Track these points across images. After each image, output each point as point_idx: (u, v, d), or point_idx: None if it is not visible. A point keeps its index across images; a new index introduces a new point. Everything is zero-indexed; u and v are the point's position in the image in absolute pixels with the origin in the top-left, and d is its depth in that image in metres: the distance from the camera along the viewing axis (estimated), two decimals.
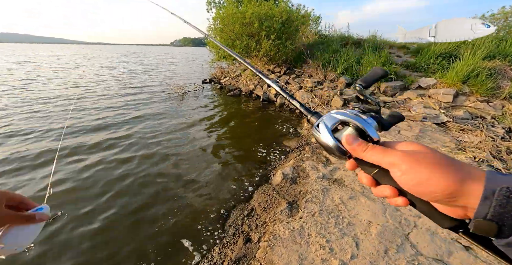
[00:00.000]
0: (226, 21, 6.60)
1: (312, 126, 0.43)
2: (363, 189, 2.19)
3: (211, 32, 7.29)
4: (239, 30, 6.47)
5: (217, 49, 7.18)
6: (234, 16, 6.41)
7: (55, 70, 12.09)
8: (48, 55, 24.82)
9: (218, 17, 6.87)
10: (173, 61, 21.76)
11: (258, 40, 6.62)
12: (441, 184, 0.27)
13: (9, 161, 3.02)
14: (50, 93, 6.66)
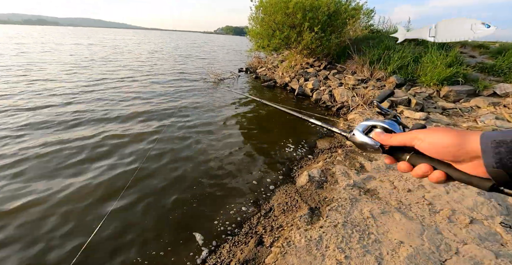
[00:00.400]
0: (268, 10, 6.50)
1: (348, 138, 0.54)
2: (400, 205, 1.94)
3: (252, 21, 7.27)
4: (280, 20, 6.32)
5: (256, 39, 7.14)
6: (276, 6, 6.27)
7: (115, 53, 13.76)
8: (112, 39, 28.40)
9: (260, 6, 6.79)
10: (214, 49, 22.60)
11: (299, 31, 6.39)
12: (449, 138, 0.36)
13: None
14: (101, 75, 7.45)
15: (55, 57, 10.58)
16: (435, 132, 0.39)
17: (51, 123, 3.70)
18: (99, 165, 2.75)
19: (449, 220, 1.79)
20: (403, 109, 4.43)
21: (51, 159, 2.80)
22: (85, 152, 2.98)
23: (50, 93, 5.17)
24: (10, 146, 3.01)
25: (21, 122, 3.63)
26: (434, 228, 1.72)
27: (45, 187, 2.36)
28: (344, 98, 5.22)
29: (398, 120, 0.51)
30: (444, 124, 3.87)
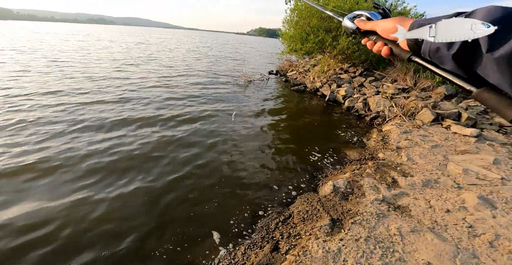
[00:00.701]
0: (303, 14, 6.55)
1: (342, 24, 0.70)
2: (434, 225, 1.80)
3: (286, 24, 7.37)
4: (315, 24, 6.33)
5: (288, 42, 7.23)
6: (312, 9, 6.29)
7: (158, 51, 15.26)
8: (156, 38, 31.87)
9: (296, 9, 6.88)
10: (246, 50, 23.40)
11: (335, 36, 6.31)
12: (392, 23, 0.53)
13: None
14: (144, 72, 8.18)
15: (107, 54, 11.84)
16: (386, 20, 0.55)
17: (100, 122, 4.14)
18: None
19: (491, 244, 1.61)
20: (450, 124, 4.09)
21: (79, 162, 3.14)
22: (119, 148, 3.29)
23: (101, 89, 5.76)
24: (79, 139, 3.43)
25: (78, 118, 4.13)
26: (471, 251, 1.56)
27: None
28: (380, 108, 4.99)
29: (385, 12, 0.64)
30: (500, 144, 3.48)
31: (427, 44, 0.43)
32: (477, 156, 3.07)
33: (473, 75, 0.38)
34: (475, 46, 0.35)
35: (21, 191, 2.32)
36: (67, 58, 9.75)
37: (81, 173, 2.63)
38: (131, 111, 4.45)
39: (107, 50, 13.55)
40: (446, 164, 2.90)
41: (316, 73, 7.45)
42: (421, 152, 3.23)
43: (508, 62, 0.32)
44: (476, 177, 2.54)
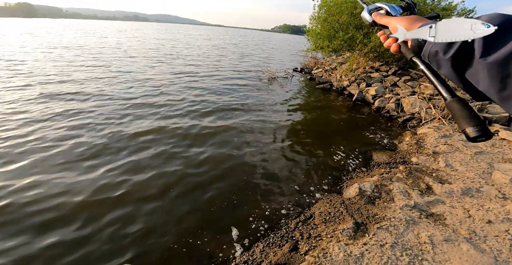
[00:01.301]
0: (332, 10, 6.47)
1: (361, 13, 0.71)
2: (472, 235, 1.70)
3: (313, 21, 7.33)
4: (345, 21, 6.22)
5: (315, 39, 7.18)
6: (342, 5, 6.22)
7: (186, 48, 16.14)
8: (183, 34, 33.78)
9: (324, 5, 6.82)
10: (271, 47, 23.59)
11: (367, 33, 6.15)
12: (404, 23, 0.55)
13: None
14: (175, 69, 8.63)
15: (142, 51, 12.67)
16: (400, 19, 0.58)
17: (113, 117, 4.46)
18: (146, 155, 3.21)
19: None
20: (499, 129, 3.81)
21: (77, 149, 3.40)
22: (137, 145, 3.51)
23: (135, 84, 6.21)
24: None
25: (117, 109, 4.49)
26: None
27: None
28: (416, 109, 4.77)
29: (409, 7, 0.66)
30: None
31: (428, 47, 0.45)
32: None
33: (467, 82, 0.39)
34: (470, 51, 0.37)
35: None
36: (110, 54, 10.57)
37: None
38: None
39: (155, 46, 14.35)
40: (491, 172, 2.71)
41: (343, 71, 7.30)
42: (462, 158, 3.05)
43: (500, 67, 0.33)
44: None
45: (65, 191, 2.41)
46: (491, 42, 0.36)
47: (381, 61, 7.03)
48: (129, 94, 5.29)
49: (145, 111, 4.42)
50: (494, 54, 0.34)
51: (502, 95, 0.34)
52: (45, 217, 2.12)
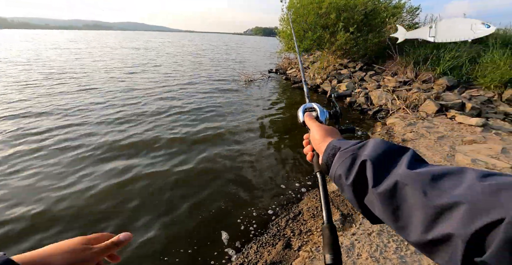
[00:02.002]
0: (299, 11, 6.54)
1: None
2: None
3: (283, 22, 7.35)
4: (312, 21, 6.32)
5: (286, 40, 7.20)
6: (308, 6, 6.30)
7: (158, 56, 14.47)
8: (153, 42, 31.59)
9: (291, 7, 6.87)
10: (245, 50, 23.43)
11: (333, 32, 6.30)
12: (319, 136, 0.54)
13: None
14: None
15: (112, 62, 11.78)
16: (318, 128, 0.57)
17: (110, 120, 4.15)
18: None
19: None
20: (455, 114, 4.05)
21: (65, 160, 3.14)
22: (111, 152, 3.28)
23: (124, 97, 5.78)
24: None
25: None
26: None
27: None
28: (383, 101, 4.95)
29: (336, 114, 0.67)
30: (507, 132, 3.44)
31: (333, 169, 0.43)
32: (484, 146, 3.03)
33: (366, 208, 0.39)
34: (365, 180, 0.36)
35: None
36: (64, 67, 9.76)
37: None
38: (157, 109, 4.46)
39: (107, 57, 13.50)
40: (453, 154, 2.86)
41: (315, 70, 7.42)
42: (427, 144, 3.20)
43: (389, 198, 0.33)
44: (485, 166, 2.51)
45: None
46: (380, 171, 0.35)
47: (348, 58, 7.24)
48: (106, 111, 4.88)
49: (125, 126, 4.00)
50: (382, 185, 0.34)
51: (397, 226, 0.33)
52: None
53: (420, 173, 0.32)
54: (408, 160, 0.35)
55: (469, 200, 0.26)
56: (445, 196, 0.28)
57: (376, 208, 0.35)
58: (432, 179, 0.30)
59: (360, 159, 0.39)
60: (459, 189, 0.28)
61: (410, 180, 0.32)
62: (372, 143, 0.40)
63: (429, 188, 0.30)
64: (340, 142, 0.47)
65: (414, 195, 0.30)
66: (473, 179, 0.28)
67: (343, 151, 0.43)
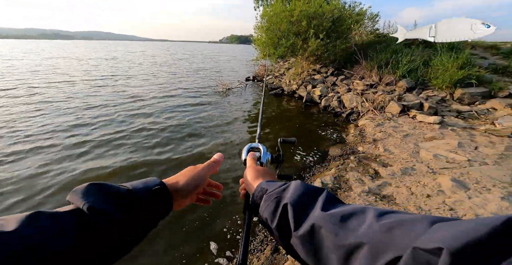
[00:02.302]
0: (273, 20, 6.70)
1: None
2: (419, 211, 1.91)
3: (257, 30, 7.46)
4: (285, 28, 6.49)
5: (262, 47, 7.32)
6: (281, 14, 6.47)
7: (130, 67, 13.88)
8: (122, 52, 29.53)
9: (265, 15, 7.01)
10: (221, 59, 23.25)
11: (305, 38, 6.52)
12: (251, 179, 0.52)
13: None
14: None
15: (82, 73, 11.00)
16: (253, 169, 0.56)
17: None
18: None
19: None
20: (415, 114, 4.38)
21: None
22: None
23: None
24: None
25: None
26: None
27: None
28: (354, 104, 5.22)
29: (279, 158, 0.68)
30: (461, 128, 3.79)
31: (261, 212, 0.42)
32: (443, 141, 3.31)
33: (293, 250, 0.39)
34: (288, 223, 0.37)
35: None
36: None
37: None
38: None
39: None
40: (418, 151, 3.09)
41: (291, 76, 7.62)
42: (395, 142, 3.42)
43: (308, 241, 0.33)
44: (446, 160, 2.74)
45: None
46: (299, 215, 0.36)
47: (320, 64, 7.52)
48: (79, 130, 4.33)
49: (96, 153, 3.44)
50: (302, 228, 0.34)
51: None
52: None
53: (332, 214, 0.33)
54: (323, 201, 0.36)
55: (369, 239, 0.27)
56: (352, 236, 0.29)
57: (299, 250, 0.36)
58: (341, 220, 0.32)
59: (282, 202, 0.39)
60: (362, 229, 0.29)
61: (324, 222, 0.33)
62: (293, 186, 0.41)
63: (339, 229, 0.31)
64: (268, 184, 0.46)
65: (327, 237, 0.31)
66: (372, 217, 0.30)
67: (268, 194, 0.43)
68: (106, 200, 0.36)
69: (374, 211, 0.31)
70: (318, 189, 0.40)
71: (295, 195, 0.39)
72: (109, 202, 0.36)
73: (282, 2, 7.32)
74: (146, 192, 0.41)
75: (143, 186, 0.42)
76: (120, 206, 0.36)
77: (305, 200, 0.38)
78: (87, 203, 0.33)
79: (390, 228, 0.27)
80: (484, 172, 2.40)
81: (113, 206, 0.36)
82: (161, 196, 0.43)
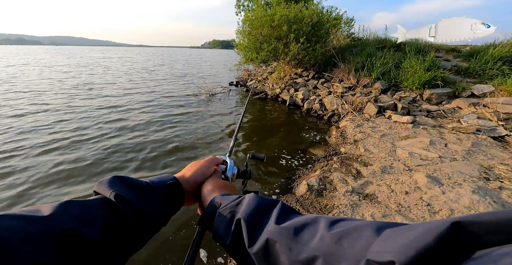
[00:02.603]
0: (254, 24, 6.73)
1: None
2: (400, 207, 1.98)
3: (240, 35, 7.46)
4: (267, 33, 6.55)
5: (244, 52, 7.32)
6: (262, 19, 6.51)
7: (105, 73, 13.19)
8: (99, 58, 27.45)
9: (247, 20, 7.03)
10: (203, 64, 22.87)
11: (286, 43, 6.62)
12: (206, 193, 0.49)
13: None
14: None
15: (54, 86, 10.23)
16: (212, 182, 0.53)
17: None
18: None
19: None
20: (391, 114, 4.59)
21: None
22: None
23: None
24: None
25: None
26: None
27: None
28: (334, 106, 5.37)
29: (245, 174, 0.65)
30: (431, 127, 4.02)
31: (215, 228, 0.40)
32: (416, 140, 3.49)
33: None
34: (242, 240, 0.35)
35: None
36: None
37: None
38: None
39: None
40: (395, 150, 3.23)
41: (274, 80, 7.69)
42: (373, 142, 3.54)
43: (264, 257, 0.32)
44: (420, 158, 2.88)
45: None
46: (253, 230, 0.34)
47: (301, 68, 7.67)
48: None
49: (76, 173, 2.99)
50: (257, 244, 0.33)
51: None
52: None
53: (285, 227, 0.32)
54: (276, 214, 0.35)
55: (322, 252, 0.26)
56: (305, 250, 0.28)
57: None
58: (294, 233, 0.30)
59: (236, 217, 0.37)
60: (314, 241, 0.28)
61: (278, 236, 0.31)
62: (247, 200, 0.39)
63: (293, 243, 0.30)
64: (222, 197, 0.44)
65: (282, 252, 0.30)
66: (324, 228, 0.29)
67: (222, 209, 0.40)
68: (130, 190, 0.37)
69: (325, 220, 0.31)
70: (272, 200, 0.39)
71: (249, 210, 0.37)
72: (132, 193, 0.37)
73: (263, 7, 7.40)
74: (162, 186, 0.44)
75: (159, 181, 0.45)
76: (141, 197, 0.38)
77: (259, 214, 0.36)
78: (113, 191, 0.35)
79: (339, 238, 0.26)
80: (455, 167, 2.55)
81: (136, 196, 0.37)
82: (175, 189, 0.46)
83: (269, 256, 0.31)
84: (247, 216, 0.36)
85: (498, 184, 2.24)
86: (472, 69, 5.25)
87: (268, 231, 0.33)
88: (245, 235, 0.34)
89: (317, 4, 7.30)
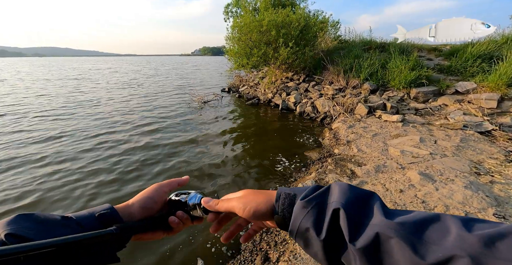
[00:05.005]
0: (243, 30, 6.78)
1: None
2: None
3: (229, 41, 7.49)
4: (256, 38, 6.60)
5: (235, 58, 7.34)
6: (251, 25, 6.56)
7: (94, 87, 12.51)
8: (90, 69, 26.13)
9: (236, 26, 7.08)
10: (194, 71, 22.75)
11: (275, 47, 6.70)
12: (263, 205, 0.40)
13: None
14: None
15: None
16: (251, 201, 0.43)
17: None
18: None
19: None
20: (381, 114, 4.67)
21: None
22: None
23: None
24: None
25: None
26: None
27: None
28: (326, 109, 5.43)
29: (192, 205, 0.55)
30: (420, 124, 4.10)
31: (296, 223, 0.35)
32: (407, 138, 3.55)
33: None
34: (340, 233, 0.31)
35: None
36: None
37: None
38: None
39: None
40: (387, 148, 3.27)
41: (265, 85, 7.73)
42: (366, 142, 3.58)
43: (372, 253, 0.29)
44: (412, 156, 2.93)
45: None
46: (355, 222, 0.31)
47: (292, 71, 7.74)
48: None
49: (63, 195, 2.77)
50: (361, 238, 0.29)
51: None
52: None
53: (402, 223, 0.28)
54: (380, 206, 0.31)
55: (468, 253, 0.23)
56: (437, 250, 0.25)
57: (353, 263, 0.30)
58: (417, 231, 0.27)
59: (330, 208, 0.33)
60: (449, 240, 0.25)
61: (393, 232, 0.28)
62: (338, 188, 0.35)
63: (418, 242, 0.26)
64: (291, 189, 0.40)
65: (402, 250, 0.26)
66: (459, 228, 0.26)
67: (304, 200, 0.35)
68: (32, 227, 0.32)
69: (454, 218, 0.27)
70: (367, 191, 0.34)
71: (347, 199, 0.32)
72: (36, 229, 0.32)
73: (251, 13, 7.46)
74: (88, 218, 0.38)
75: (87, 213, 0.39)
76: (47, 232, 0.32)
77: (359, 205, 0.32)
78: (6, 230, 0.30)
79: (492, 241, 0.23)
80: (446, 164, 2.60)
81: (40, 232, 0.32)
82: (106, 221, 0.39)
83: (379, 252, 0.28)
84: (347, 206, 0.31)
85: (489, 178, 2.29)
86: (454, 67, 5.41)
87: (376, 225, 0.29)
88: (345, 227, 0.30)
89: (303, 8, 7.43)
